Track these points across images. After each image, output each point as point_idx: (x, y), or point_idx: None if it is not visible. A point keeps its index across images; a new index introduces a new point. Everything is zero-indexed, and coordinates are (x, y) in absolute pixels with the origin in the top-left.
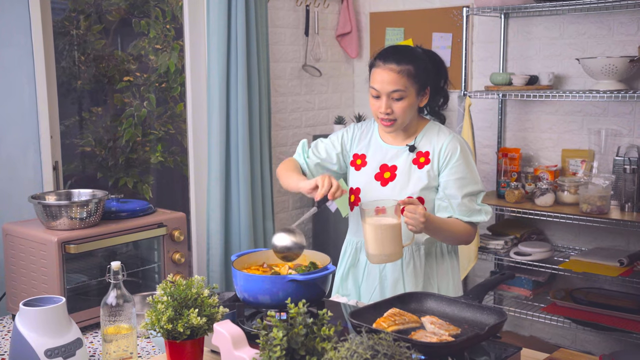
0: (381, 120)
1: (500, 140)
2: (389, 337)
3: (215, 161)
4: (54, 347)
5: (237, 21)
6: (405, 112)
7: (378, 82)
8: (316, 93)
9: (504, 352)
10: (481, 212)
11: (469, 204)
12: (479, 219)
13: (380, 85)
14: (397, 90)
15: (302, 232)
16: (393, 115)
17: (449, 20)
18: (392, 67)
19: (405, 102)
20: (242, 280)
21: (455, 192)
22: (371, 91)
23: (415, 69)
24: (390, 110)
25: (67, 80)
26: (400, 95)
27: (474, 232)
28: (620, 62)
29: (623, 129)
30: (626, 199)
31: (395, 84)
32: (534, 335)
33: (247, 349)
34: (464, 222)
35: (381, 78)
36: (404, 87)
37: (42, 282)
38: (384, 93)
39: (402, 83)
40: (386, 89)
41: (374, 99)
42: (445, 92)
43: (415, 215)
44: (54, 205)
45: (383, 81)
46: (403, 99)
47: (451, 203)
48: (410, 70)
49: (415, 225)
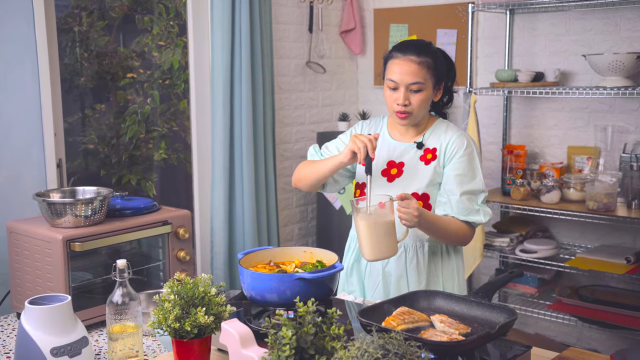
0: (397, 113)
1: (505, 137)
2: (400, 337)
3: (219, 158)
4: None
5: (241, 18)
6: (422, 104)
7: (397, 74)
8: (320, 90)
9: (514, 351)
10: (479, 212)
11: (467, 203)
12: (475, 219)
13: (400, 76)
14: (416, 82)
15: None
16: (410, 108)
17: (454, 16)
18: (412, 58)
19: (423, 94)
20: (250, 279)
21: (454, 187)
22: (388, 83)
23: (434, 62)
24: (407, 102)
25: (70, 77)
26: (419, 87)
27: (471, 233)
28: (627, 58)
29: (630, 125)
30: (633, 196)
31: (415, 76)
32: (540, 333)
33: (255, 348)
34: (460, 220)
35: (400, 69)
36: (423, 79)
37: (47, 280)
38: (402, 84)
39: (421, 75)
40: (405, 80)
41: (391, 91)
42: (451, 92)
43: (409, 209)
44: (58, 203)
45: (402, 72)
46: (421, 91)
47: (450, 199)
48: (430, 62)
49: (409, 219)
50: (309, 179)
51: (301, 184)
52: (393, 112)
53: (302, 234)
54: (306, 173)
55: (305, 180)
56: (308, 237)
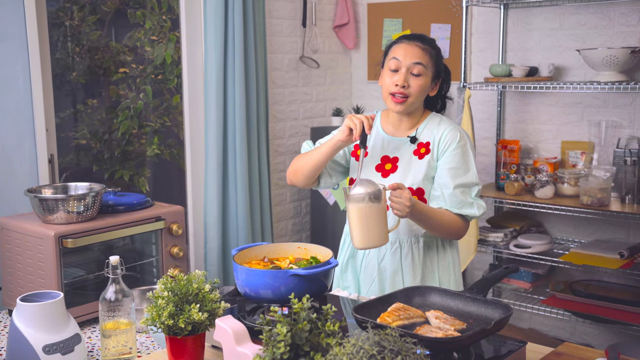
0: (393, 96)
1: (499, 132)
2: (395, 333)
3: (212, 153)
4: (52, 342)
5: (234, 12)
6: (420, 90)
7: (401, 54)
8: (314, 85)
9: (509, 346)
10: (473, 205)
11: (460, 196)
12: (469, 212)
13: (404, 56)
14: (419, 62)
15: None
16: (408, 91)
17: (448, 11)
18: (418, 44)
19: (422, 79)
20: (244, 275)
21: (447, 181)
22: (389, 64)
23: (436, 53)
24: (407, 84)
25: (61, 72)
26: (420, 71)
27: (465, 226)
28: (621, 53)
29: (623, 120)
30: (626, 190)
31: (419, 57)
32: (534, 327)
33: (249, 345)
34: (453, 213)
35: (405, 51)
36: (426, 63)
37: (39, 277)
38: (405, 65)
39: (425, 59)
40: (409, 59)
41: (392, 72)
42: (444, 99)
43: (401, 199)
44: (50, 199)
45: (407, 53)
46: (421, 76)
47: (443, 193)
48: (432, 52)
49: (401, 209)
50: (305, 170)
51: (296, 177)
52: (389, 96)
53: (296, 230)
54: (302, 164)
55: (302, 171)
56: (302, 233)
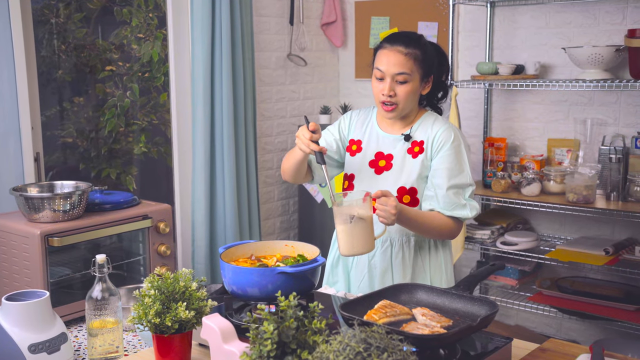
0: (382, 104)
1: (486, 129)
2: (382, 330)
3: (199, 152)
4: (37, 342)
5: (221, 9)
6: (408, 97)
7: (384, 64)
8: (301, 83)
9: (495, 343)
10: (466, 207)
11: (454, 197)
12: (462, 214)
13: (386, 66)
14: (402, 72)
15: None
16: (395, 99)
17: (435, 9)
18: (400, 49)
19: (409, 86)
20: (231, 273)
21: (441, 181)
22: (375, 72)
23: (422, 54)
24: (393, 92)
25: (47, 70)
26: (404, 79)
27: (457, 228)
28: (606, 51)
29: (609, 118)
30: (612, 188)
31: (401, 66)
32: (520, 324)
33: (237, 343)
34: (445, 215)
35: (387, 59)
36: (410, 70)
37: (25, 275)
38: (388, 75)
39: (408, 66)
40: (391, 70)
41: (378, 81)
42: (445, 86)
43: (386, 207)
44: (36, 197)
45: (389, 62)
46: (407, 83)
47: (436, 193)
48: (417, 54)
49: (386, 217)
50: (289, 169)
51: (286, 175)
52: (379, 103)
53: (283, 228)
54: (287, 164)
55: (287, 171)
56: (290, 231)
